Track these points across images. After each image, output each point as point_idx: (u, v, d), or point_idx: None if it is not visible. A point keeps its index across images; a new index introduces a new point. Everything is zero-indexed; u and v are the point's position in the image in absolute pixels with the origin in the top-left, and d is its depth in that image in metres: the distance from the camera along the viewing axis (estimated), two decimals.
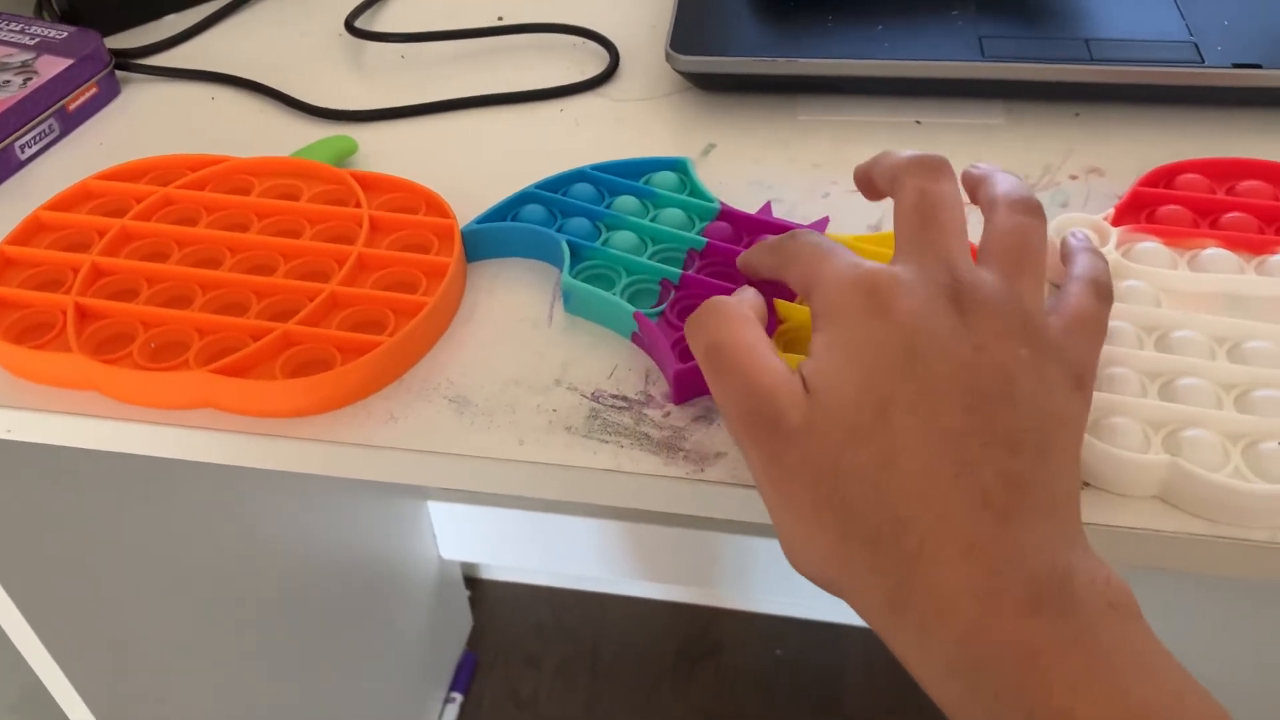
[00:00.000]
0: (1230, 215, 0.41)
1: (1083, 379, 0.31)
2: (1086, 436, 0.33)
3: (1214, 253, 0.39)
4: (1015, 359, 0.29)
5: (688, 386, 0.37)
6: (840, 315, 0.31)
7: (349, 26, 0.56)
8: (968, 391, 0.29)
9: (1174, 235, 0.40)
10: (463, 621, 1.34)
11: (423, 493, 1.23)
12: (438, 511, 1.26)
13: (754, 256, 0.37)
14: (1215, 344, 0.36)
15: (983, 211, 0.34)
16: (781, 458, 0.30)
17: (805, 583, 0.31)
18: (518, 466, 0.35)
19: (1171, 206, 0.42)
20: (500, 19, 0.58)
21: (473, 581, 1.40)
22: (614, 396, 0.37)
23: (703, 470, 0.35)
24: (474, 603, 1.37)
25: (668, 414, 0.37)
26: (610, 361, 0.39)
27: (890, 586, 0.28)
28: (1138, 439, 0.33)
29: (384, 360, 0.37)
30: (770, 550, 1.24)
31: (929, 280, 0.31)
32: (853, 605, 0.29)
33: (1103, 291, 0.33)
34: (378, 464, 0.36)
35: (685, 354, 0.37)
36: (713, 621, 1.35)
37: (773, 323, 0.38)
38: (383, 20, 0.59)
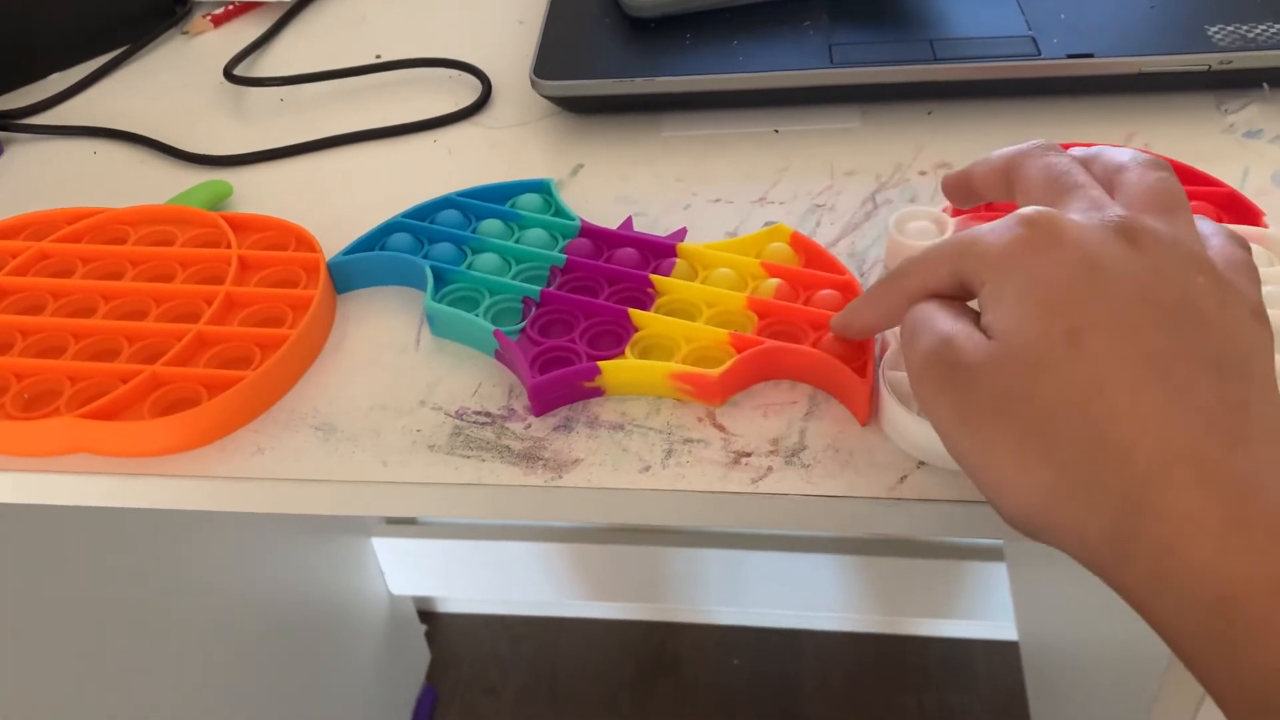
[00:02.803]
0: None
1: (1259, 312, 0.30)
2: None
3: None
4: (1196, 285, 0.28)
5: (545, 398, 0.38)
6: (1006, 259, 0.29)
7: (227, 74, 0.58)
8: (1160, 312, 0.27)
9: None
10: (420, 655, 1.34)
11: (365, 530, 1.24)
12: (382, 547, 1.26)
13: (868, 308, 0.34)
14: None
15: (1107, 183, 0.32)
16: (970, 397, 0.28)
17: (757, 590, 0.30)
18: (379, 488, 0.36)
19: None
20: (378, 56, 0.59)
21: (429, 615, 1.40)
22: (477, 413, 0.39)
23: (560, 477, 0.36)
24: (431, 636, 1.37)
25: (528, 426, 0.38)
26: (475, 380, 0.40)
27: (1114, 516, 0.27)
28: None
29: (248, 394, 0.38)
30: (720, 560, 1.25)
31: (1089, 218, 0.29)
32: (1066, 545, 0.28)
33: (1243, 242, 0.32)
34: (244, 495, 0.37)
35: (543, 367, 0.38)
36: (669, 636, 1.36)
37: (629, 330, 0.40)
38: (263, 66, 0.60)
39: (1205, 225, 0.32)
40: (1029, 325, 0.28)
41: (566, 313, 0.41)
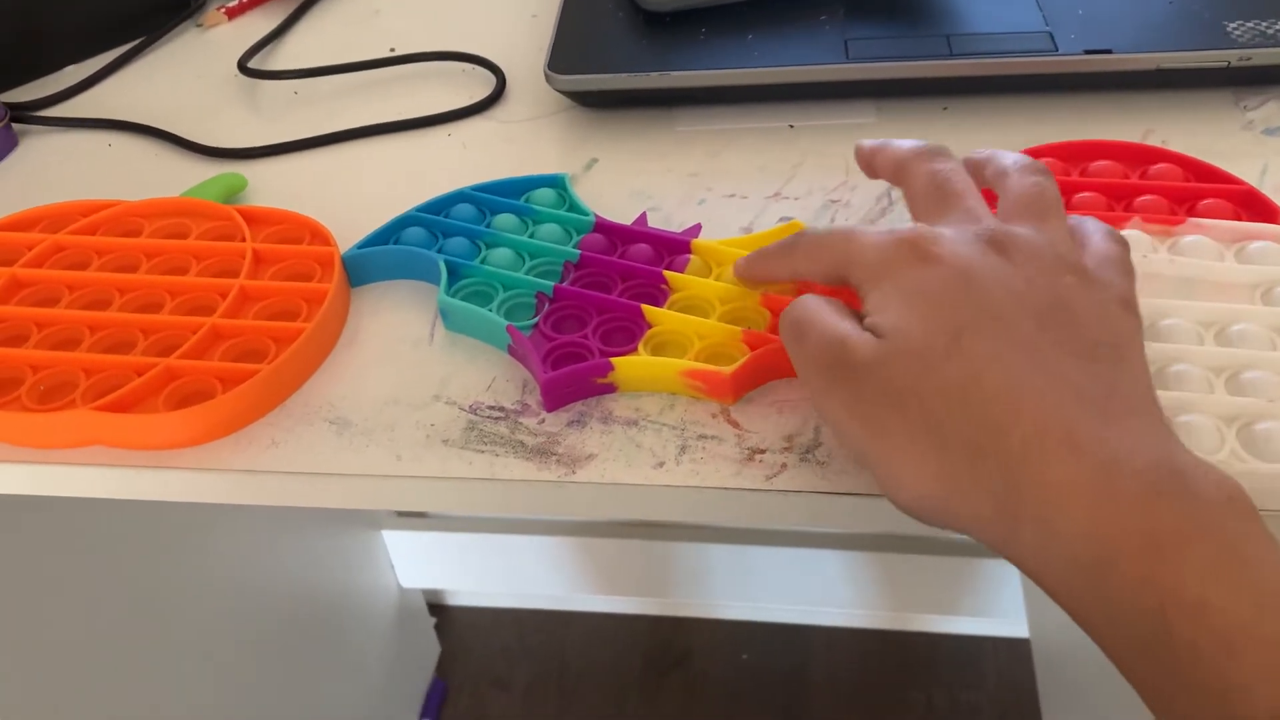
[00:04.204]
0: (1081, 195, 0.43)
1: (1129, 302, 0.32)
2: None
3: None
4: (1065, 285, 0.31)
5: (557, 394, 0.38)
6: (888, 271, 0.31)
7: (242, 67, 0.58)
8: (1032, 313, 0.30)
9: None
10: (430, 648, 1.35)
11: (375, 523, 1.24)
12: (392, 540, 1.26)
13: (761, 263, 0.38)
14: None
15: (994, 186, 0.35)
16: (862, 391, 0.30)
17: (766, 586, 0.31)
18: (393, 482, 0.37)
19: None
20: (392, 50, 0.59)
21: (439, 608, 1.41)
22: (491, 408, 0.39)
23: (574, 472, 0.36)
24: (441, 629, 1.38)
25: (542, 421, 0.38)
26: (489, 375, 0.40)
27: (999, 493, 0.28)
28: None
29: (262, 388, 0.38)
30: (729, 555, 1.26)
31: (963, 231, 0.32)
32: (965, 528, 0.30)
33: (1120, 239, 0.34)
34: (258, 488, 0.37)
35: (555, 363, 0.38)
36: (678, 631, 1.36)
37: (643, 326, 0.40)
38: (278, 59, 0.61)
39: (1087, 224, 0.35)
40: (916, 326, 0.30)
41: (580, 308, 0.41)
